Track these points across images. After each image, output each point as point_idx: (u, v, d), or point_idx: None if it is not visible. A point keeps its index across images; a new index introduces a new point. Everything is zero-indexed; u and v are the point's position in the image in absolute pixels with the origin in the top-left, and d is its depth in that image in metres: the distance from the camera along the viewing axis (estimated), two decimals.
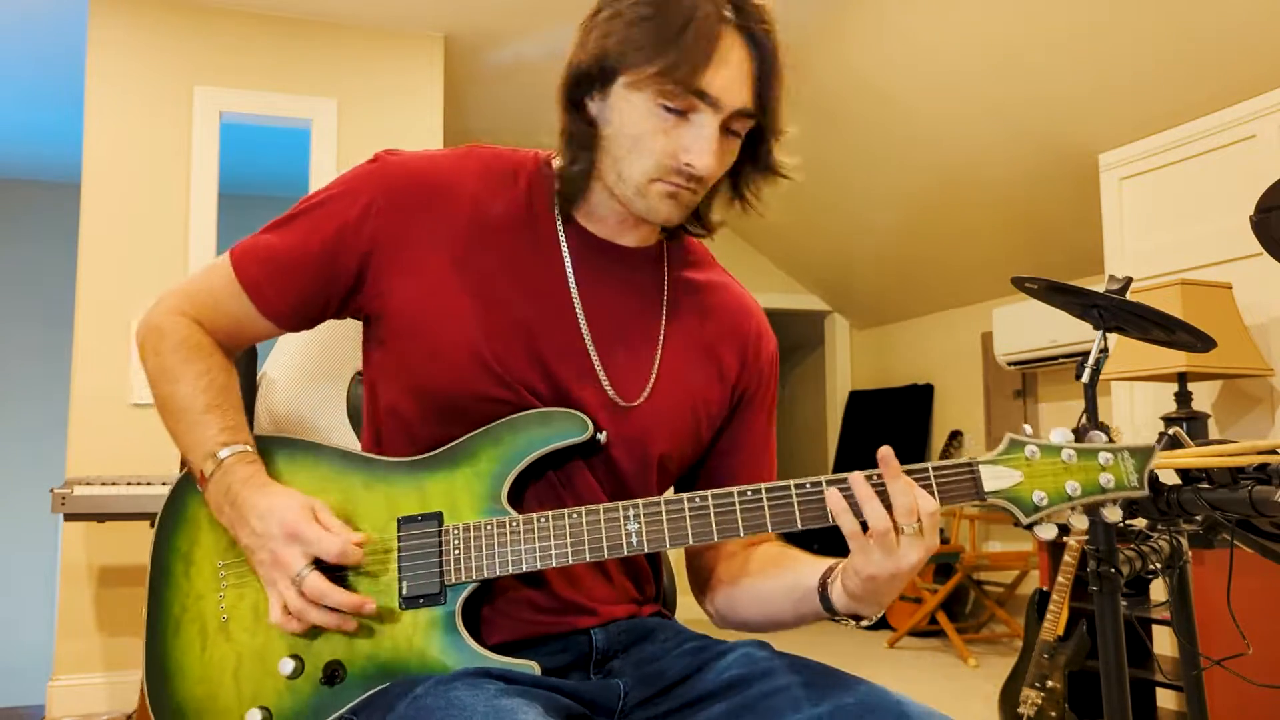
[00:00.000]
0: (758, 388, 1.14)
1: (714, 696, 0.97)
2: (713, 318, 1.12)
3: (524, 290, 1.02)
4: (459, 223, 1.02)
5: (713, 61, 0.93)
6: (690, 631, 1.09)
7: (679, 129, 0.96)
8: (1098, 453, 0.93)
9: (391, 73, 4.22)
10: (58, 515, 3.20)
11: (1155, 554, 1.79)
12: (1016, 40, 3.62)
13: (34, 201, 6.23)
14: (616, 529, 0.94)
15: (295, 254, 1.03)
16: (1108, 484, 0.92)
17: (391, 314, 1.02)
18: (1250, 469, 1.35)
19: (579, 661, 1.02)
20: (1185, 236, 3.31)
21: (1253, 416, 3.14)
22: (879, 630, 5.38)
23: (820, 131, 4.78)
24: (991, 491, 0.92)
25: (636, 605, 1.09)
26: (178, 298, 1.08)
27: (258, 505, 0.95)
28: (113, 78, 3.88)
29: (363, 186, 1.03)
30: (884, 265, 5.60)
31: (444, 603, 0.95)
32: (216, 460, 0.99)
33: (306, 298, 1.04)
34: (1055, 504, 0.92)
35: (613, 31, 0.96)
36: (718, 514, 0.93)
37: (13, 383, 6.11)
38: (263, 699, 0.96)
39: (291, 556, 0.92)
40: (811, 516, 0.92)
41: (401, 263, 1.01)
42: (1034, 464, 0.92)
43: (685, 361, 1.08)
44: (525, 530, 0.95)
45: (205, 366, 1.04)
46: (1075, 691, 2.85)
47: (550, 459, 1.00)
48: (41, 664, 4.00)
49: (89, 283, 3.79)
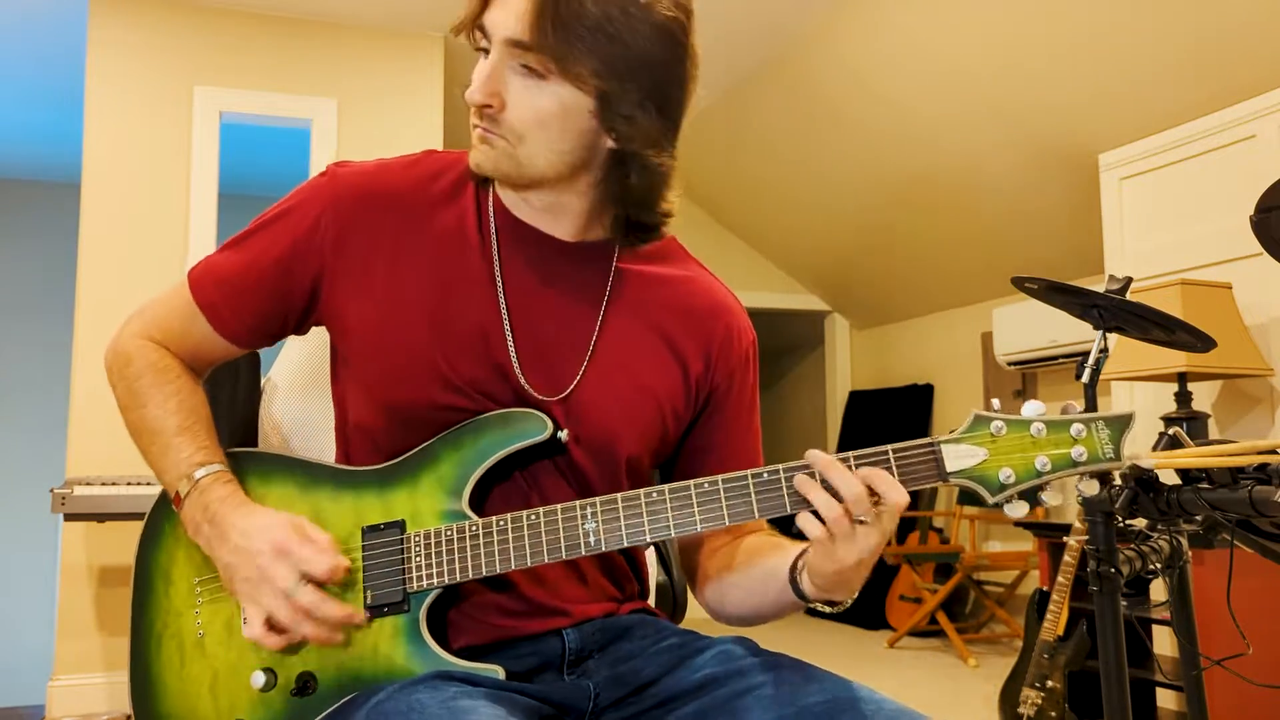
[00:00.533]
0: (729, 384, 1.12)
1: (686, 696, 0.96)
2: (670, 312, 1.09)
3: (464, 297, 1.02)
4: (404, 229, 1.03)
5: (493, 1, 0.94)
6: (672, 628, 1.08)
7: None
8: (1069, 424, 0.88)
9: (391, 73, 4.22)
10: (58, 515, 3.20)
11: (1155, 554, 1.79)
12: (1016, 40, 3.62)
13: (34, 201, 6.23)
14: (574, 528, 0.93)
15: (250, 273, 1.04)
16: (1080, 457, 0.87)
17: (348, 331, 1.03)
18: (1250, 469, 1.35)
19: (551, 663, 1.01)
20: (1185, 236, 3.31)
21: (1253, 416, 3.14)
22: (879, 630, 5.39)
23: (820, 131, 4.78)
24: (955, 471, 0.88)
25: (615, 604, 1.08)
26: (142, 321, 1.09)
27: (240, 523, 0.96)
28: (113, 78, 3.88)
29: (313, 201, 1.04)
30: (884, 265, 5.60)
31: (408, 610, 0.95)
32: (192, 481, 0.99)
33: (263, 316, 1.05)
34: (1023, 480, 0.88)
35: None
36: (674, 508, 0.91)
37: (13, 383, 6.12)
38: (239, 711, 0.97)
39: (281, 572, 0.92)
40: (769, 506, 0.90)
41: (353, 278, 1.02)
42: (1000, 440, 0.88)
43: (629, 355, 1.05)
44: (485, 534, 0.95)
45: (174, 389, 1.05)
46: (1075, 691, 2.85)
47: (516, 460, 1.00)
48: (41, 664, 4.00)
49: (89, 283, 3.79)
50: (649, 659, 1.02)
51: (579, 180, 1.02)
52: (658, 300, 1.09)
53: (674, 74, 0.99)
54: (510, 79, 0.95)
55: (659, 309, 1.09)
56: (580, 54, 0.92)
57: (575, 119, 0.96)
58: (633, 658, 1.02)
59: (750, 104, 4.91)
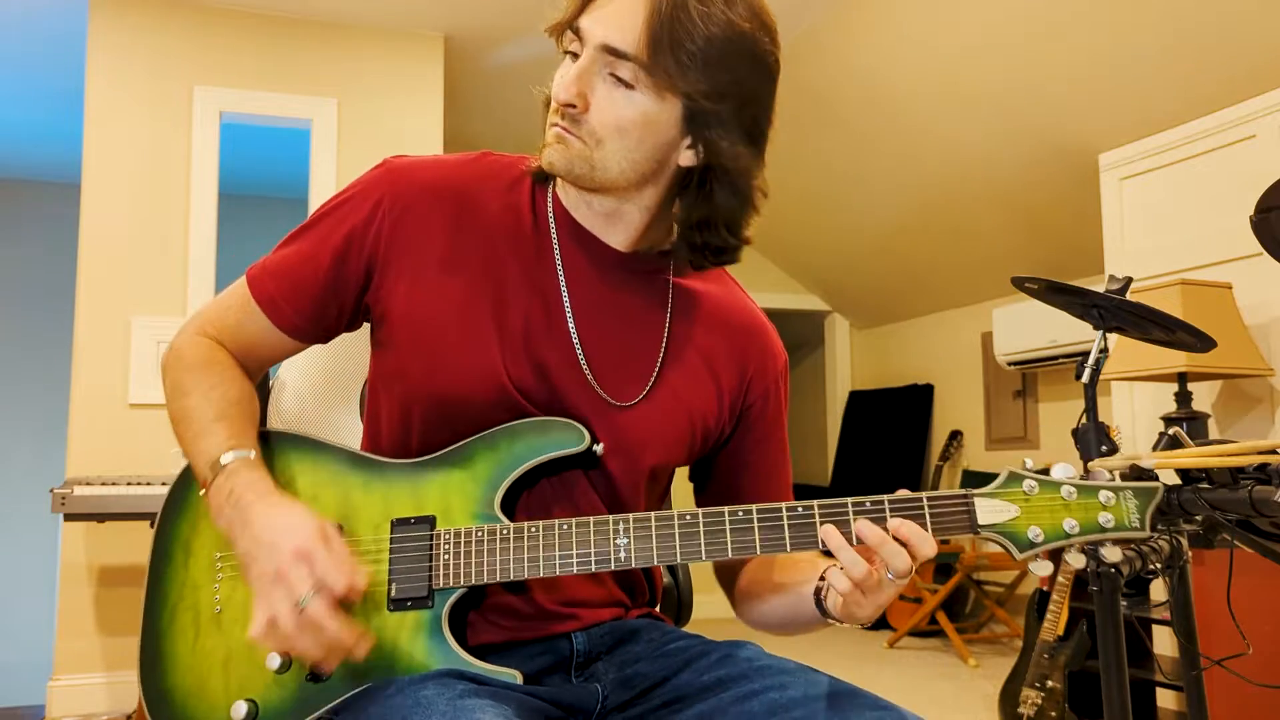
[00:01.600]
0: (763, 405, 1.14)
1: (692, 698, 0.97)
2: (716, 331, 1.11)
3: (520, 295, 1.03)
4: (461, 227, 1.04)
5: (594, 3, 0.96)
6: (678, 632, 1.09)
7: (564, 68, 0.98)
8: (1099, 491, 0.91)
9: (391, 73, 4.22)
10: (58, 515, 3.20)
11: (1155, 554, 1.79)
12: (1017, 40, 3.62)
13: (34, 201, 6.23)
14: (605, 543, 0.93)
15: (308, 266, 1.04)
16: (1107, 524, 0.90)
17: (395, 316, 1.03)
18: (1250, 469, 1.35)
19: (560, 664, 1.02)
20: (1185, 236, 3.31)
21: (1253, 416, 3.14)
22: (879, 630, 5.38)
23: (821, 131, 4.78)
24: (986, 525, 0.91)
25: (623, 609, 1.09)
26: (199, 321, 1.10)
27: (267, 516, 0.93)
28: (113, 78, 3.88)
29: (370, 190, 1.05)
30: (884, 265, 5.60)
31: (431, 606, 0.95)
32: (219, 465, 0.98)
33: (319, 307, 1.05)
34: (1051, 541, 0.90)
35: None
36: (707, 533, 0.92)
37: (13, 383, 6.12)
38: (250, 691, 0.96)
39: (298, 577, 0.89)
40: (801, 541, 0.91)
41: (406, 265, 1.03)
42: (1032, 499, 0.91)
43: (685, 371, 1.07)
44: (515, 539, 0.95)
45: (218, 379, 1.05)
46: (1075, 691, 2.85)
47: (547, 466, 1.00)
48: (41, 664, 4.00)
49: (89, 283, 3.79)
50: (655, 662, 1.02)
51: (644, 192, 1.03)
52: (708, 319, 1.11)
53: (765, 103, 1.01)
54: (597, 84, 0.96)
55: (709, 328, 1.11)
56: (681, 73, 0.94)
57: (655, 131, 0.98)
58: (639, 660, 1.03)
59: None
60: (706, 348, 1.10)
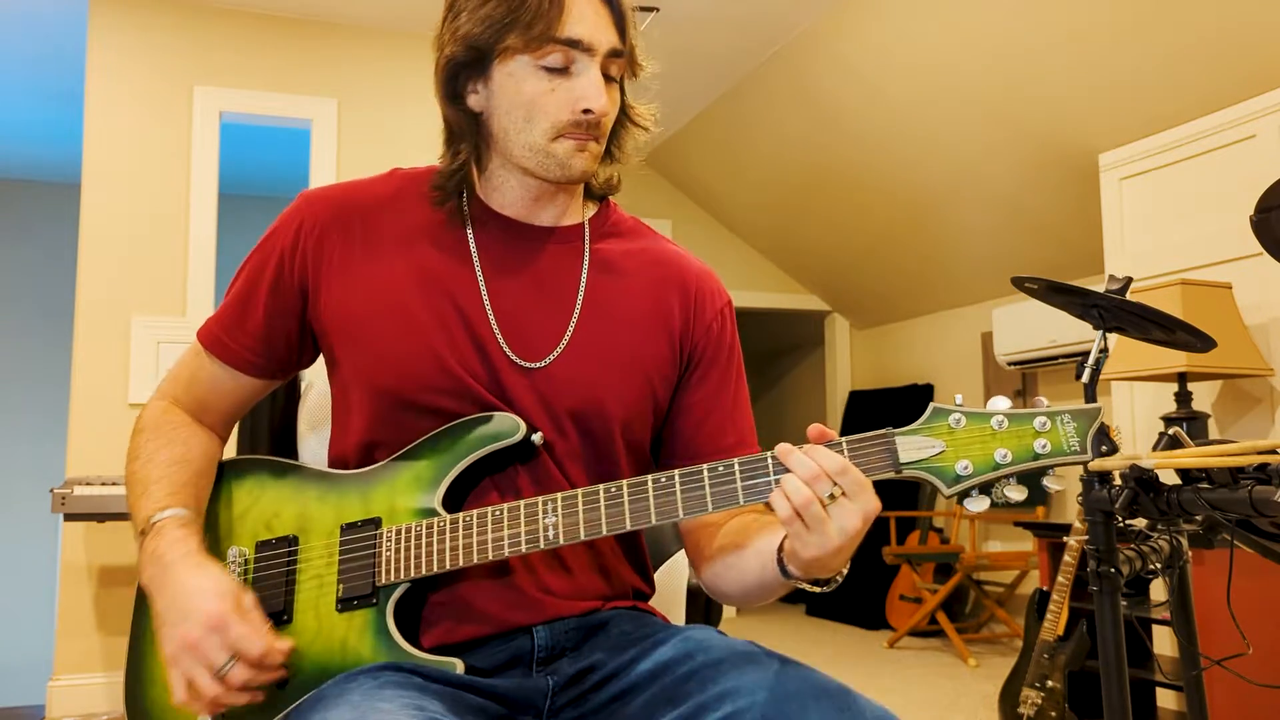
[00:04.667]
0: (707, 344, 1.13)
1: (639, 688, 0.96)
2: (646, 281, 1.12)
3: (440, 280, 1.05)
4: (378, 235, 1.07)
5: (568, 10, 0.98)
6: (653, 622, 1.08)
7: (565, 83, 1.00)
8: (1032, 417, 0.86)
9: (391, 73, 4.22)
10: (58, 515, 3.21)
11: (1155, 554, 1.79)
12: (1016, 40, 3.62)
13: (34, 201, 6.23)
14: (535, 523, 0.94)
15: (248, 302, 1.09)
16: (1043, 449, 0.85)
17: (333, 325, 1.06)
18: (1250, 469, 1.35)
19: (521, 660, 1.01)
20: (1185, 236, 3.31)
21: (1253, 416, 3.14)
22: (879, 630, 5.39)
23: (820, 131, 4.78)
24: (908, 463, 0.87)
25: (600, 601, 1.07)
26: (162, 385, 1.15)
27: (183, 579, 0.95)
28: (113, 78, 3.88)
29: (290, 220, 1.09)
30: (884, 265, 5.60)
31: (376, 603, 0.98)
32: (150, 524, 1.01)
33: (267, 338, 1.09)
34: (981, 473, 0.86)
35: (468, 19, 1.00)
36: (631, 502, 0.92)
37: (13, 383, 6.12)
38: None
39: (211, 647, 0.92)
40: (722, 498, 0.90)
41: (336, 277, 1.06)
42: (957, 432, 0.87)
43: (614, 325, 1.08)
44: (452, 530, 0.97)
45: (165, 441, 1.09)
46: (1075, 691, 2.85)
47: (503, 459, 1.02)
48: (41, 664, 4.00)
49: (89, 283, 3.79)
50: (612, 653, 1.01)
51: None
52: (633, 271, 1.13)
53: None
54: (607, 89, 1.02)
55: (636, 279, 1.12)
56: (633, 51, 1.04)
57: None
58: (597, 652, 1.02)
59: (750, 104, 4.91)
60: (643, 298, 1.11)
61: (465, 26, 1.00)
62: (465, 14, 1.00)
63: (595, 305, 1.08)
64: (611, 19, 1.00)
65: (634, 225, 1.18)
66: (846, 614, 5.71)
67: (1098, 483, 1.63)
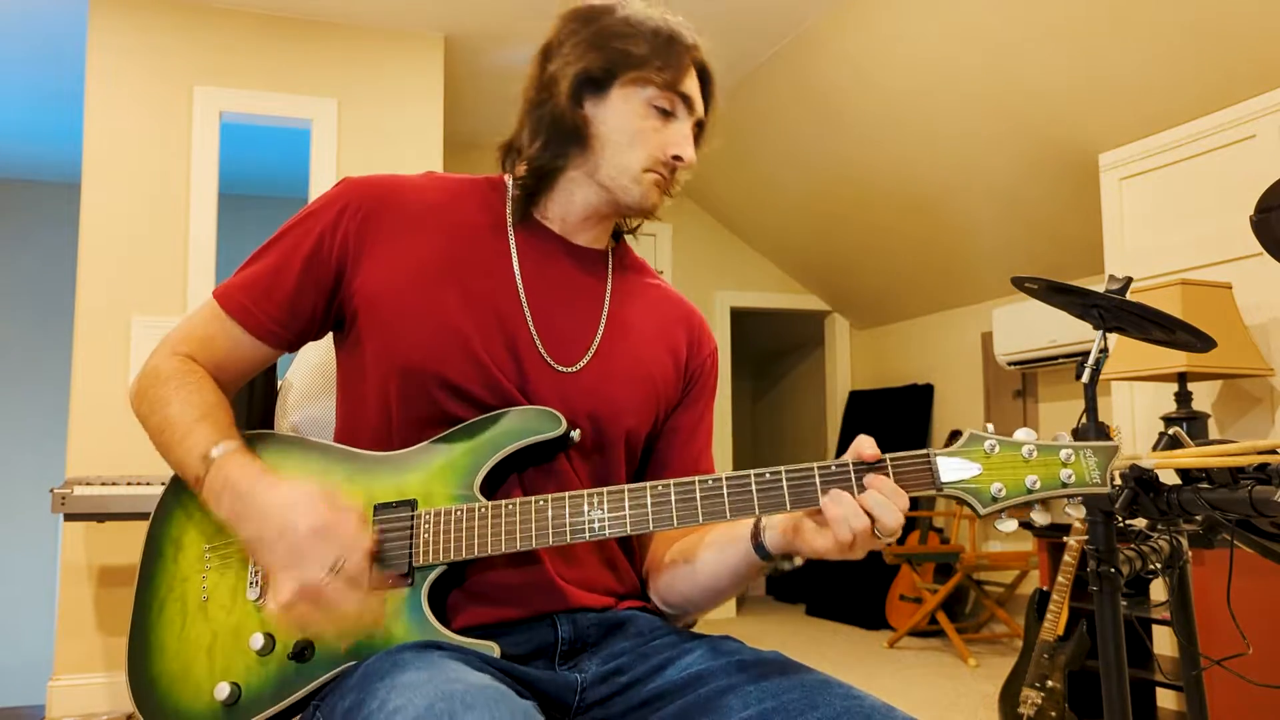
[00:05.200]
0: (701, 376, 1.23)
1: (672, 694, 0.98)
2: (658, 309, 1.22)
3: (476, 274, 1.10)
4: (419, 223, 1.11)
5: (687, 72, 1.12)
6: (666, 627, 1.10)
7: (667, 127, 1.12)
8: (1059, 449, 0.94)
9: (391, 73, 4.22)
10: (58, 515, 3.20)
11: (1155, 554, 1.79)
12: (1017, 39, 3.62)
13: (34, 201, 6.23)
14: (580, 515, 0.97)
15: (280, 273, 1.10)
16: (1069, 479, 0.93)
17: (368, 303, 1.08)
18: (1250, 469, 1.35)
19: (544, 651, 1.03)
20: (1185, 236, 3.31)
21: (1253, 416, 3.14)
22: (879, 630, 5.39)
23: (820, 131, 4.78)
24: (949, 482, 0.93)
25: (613, 598, 1.10)
26: (171, 340, 1.14)
27: (270, 497, 0.97)
28: (113, 78, 3.88)
29: (335, 200, 1.12)
30: (884, 265, 5.60)
31: (412, 583, 0.99)
32: (210, 459, 1.01)
33: (294, 310, 1.10)
34: (1013, 496, 0.93)
35: (608, 43, 1.11)
36: (678, 501, 0.96)
37: (13, 382, 6.12)
38: (233, 674, 1.00)
39: (319, 554, 0.93)
40: (770, 504, 0.94)
41: (377, 256, 1.09)
42: (993, 457, 0.94)
43: (633, 339, 1.16)
44: (494, 516, 0.98)
45: (195, 388, 1.08)
46: (1075, 691, 2.85)
47: (532, 452, 1.04)
48: (41, 664, 4.00)
49: (89, 283, 3.79)
50: (639, 656, 1.03)
51: None
52: (648, 299, 1.22)
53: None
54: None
55: (649, 308, 1.21)
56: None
57: None
58: (624, 654, 1.04)
59: (750, 103, 4.91)
60: (651, 319, 1.20)
61: (606, 50, 1.10)
62: (605, 37, 1.11)
63: (616, 323, 1.15)
64: (701, 96, 1.15)
65: (643, 265, 1.27)
66: (846, 614, 5.71)
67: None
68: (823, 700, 0.91)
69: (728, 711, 0.93)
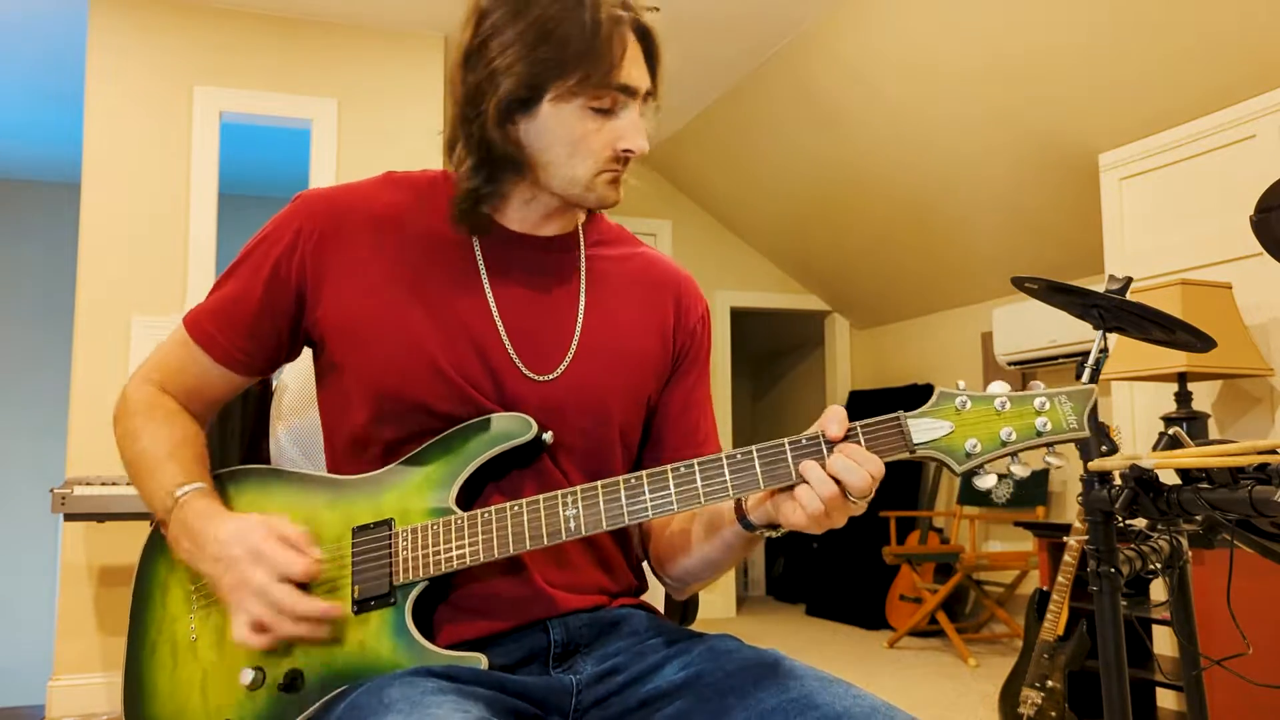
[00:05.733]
0: (690, 345, 1.19)
1: (670, 695, 0.97)
2: (639, 286, 1.17)
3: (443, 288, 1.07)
4: (379, 239, 1.08)
5: (623, 56, 1.02)
6: (664, 625, 1.09)
7: (609, 124, 1.03)
8: (1032, 398, 0.92)
9: (391, 73, 4.22)
10: (58, 515, 3.21)
11: (1155, 554, 1.79)
12: (1016, 40, 3.62)
13: (34, 201, 6.23)
14: (555, 515, 0.96)
15: (241, 301, 1.09)
16: (1044, 428, 0.91)
17: (333, 332, 1.07)
18: (1250, 469, 1.35)
19: (537, 656, 1.02)
20: (1185, 236, 3.31)
21: (1253, 416, 3.14)
22: (879, 630, 5.39)
23: (821, 130, 4.78)
24: (921, 443, 0.91)
25: (606, 597, 1.09)
26: (145, 369, 1.14)
27: (217, 533, 0.98)
28: (113, 78, 3.88)
29: (288, 222, 1.09)
30: (884, 265, 5.60)
31: (394, 603, 0.98)
32: (174, 499, 1.02)
33: (257, 337, 1.09)
34: (989, 450, 0.91)
35: (522, 56, 1.00)
36: (652, 491, 0.94)
37: (13, 383, 6.12)
38: (226, 711, 0.99)
39: (257, 575, 0.95)
40: (743, 485, 0.93)
41: (337, 280, 1.07)
42: (964, 414, 0.92)
43: (614, 329, 1.12)
44: (470, 527, 0.97)
45: (164, 422, 1.09)
46: (1075, 691, 2.85)
47: (511, 457, 1.03)
48: (41, 664, 4.00)
49: (89, 283, 3.79)
50: (635, 655, 1.02)
51: None
52: (625, 276, 1.17)
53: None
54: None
55: (628, 283, 1.16)
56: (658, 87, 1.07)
57: None
58: (618, 654, 1.03)
59: (750, 103, 4.91)
60: (633, 297, 1.15)
61: (523, 67, 0.99)
62: (517, 50, 1.00)
63: (596, 311, 1.12)
64: (644, 60, 1.05)
65: (620, 232, 1.22)
66: (846, 614, 5.71)
67: (1098, 483, 1.63)
68: (825, 699, 0.90)
69: (729, 711, 0.92)
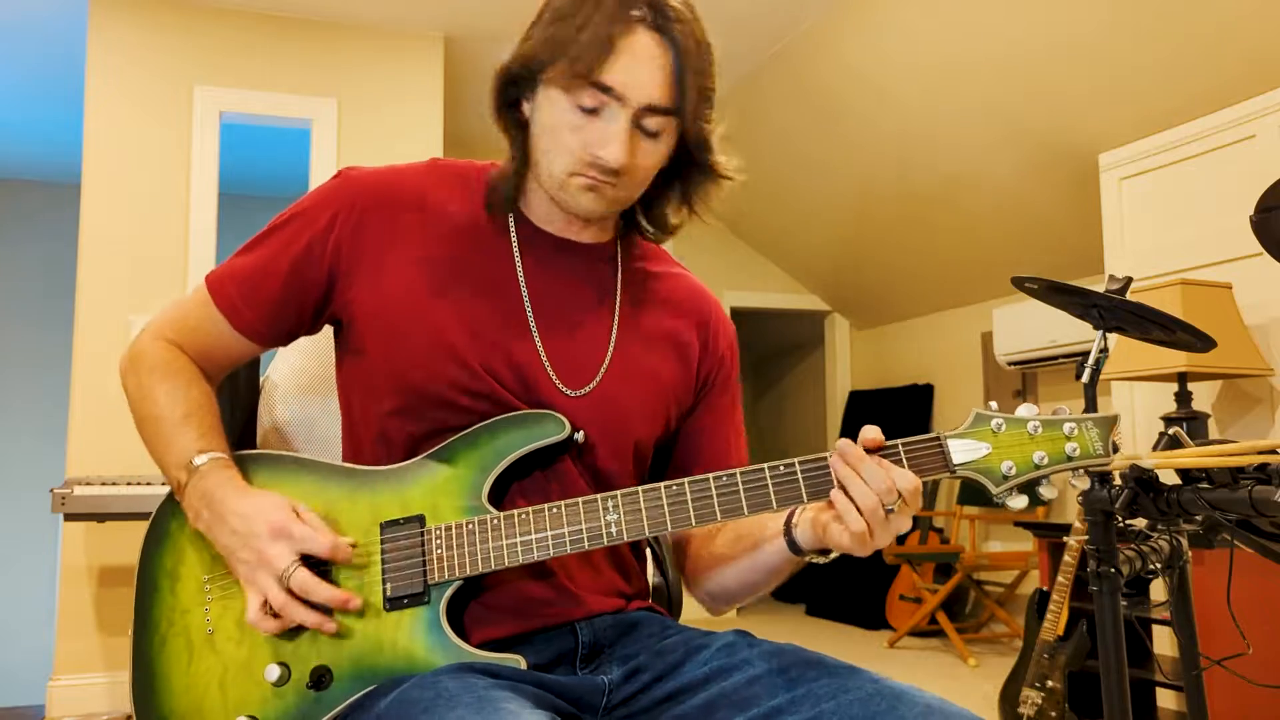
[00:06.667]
0: (718, 371, 1.18)
1: (694, 689, 0.98)
2: (670, 307, 1.16)
3: (480, 287, 1.06)
4: (420, 227, 1.07)
5: (614, 56, 0.96)
6: (676, 625, 1.10)
7: (590, 124, 0.99)
8: (1062, 423, 0.95)
9: (391, 73, 4.22)
10: (58, 515, 3.20)
11: (1155, 554, 1.79)
12: (1016, 39, 3.62)
13: (34, 201, 6.23)
14: (596, 520, 0.95)
15: (268, 271, 1.07)
16: (1073, 452, 0.94)
17: (363, 317, 1.05)
18: (1250, 469, 1.35)
19: (565, 657, 1.03)
20: (1185, 236, 3.31)
21: (1253, 416, 3.14)
22: (879, 630, 5.39)
23: (819, 130, 4.78)
24: (961, 463, 0.93)
25: (624, 600, 1.10)
26: (158, 325, 1.11)
27: (239, 506, 0.96)
28: (113, 78, 3.88)
29: (328, 200, 1.07)
30: (884, 265, 5.60)
31: (428, 602, 0.96)
32: (192, 467, 1.00)
33: (279, 312, 1.08)
34: (1023, 473, 0.94)
35: (534, 34, 1.01)
36: (695, 500, 0.95)
37: (13, 383, 6.12)
38: (249, 707, 0.96)
39: (278, 553, 0.93)
40: (786, 498, 0.94)
41: (370, 268, 1.05)
42: (1000, 436, 0.94)
43: (643, 348, 1.11)
44: (507, 526, 0.96)
45: (183, 382, 1.07)
46: (1075, 691, 2.85)
47: (534, 457, 1.02)
48: (41, 664, 4.00)
49: (89, 283, 3.79)
50: (655, 655, 1.03)
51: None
52: (660, 297, 1.16)
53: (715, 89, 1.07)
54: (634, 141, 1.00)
55: (660, 302, 1.15)
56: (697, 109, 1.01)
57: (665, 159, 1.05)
58: (640, 653, 1.04)
59: (750, 103, 4.91)
60: (664, 322, 1.14)
61: (529, 44, 1.01)
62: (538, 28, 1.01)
63: (629, 327, 1.11)
64: (667, 75, 0.98)
65: (656, 250, 1.21)
66: (846, 614, 5.71)
67: (1098, 483, 1.63)
68: (852, 684, 0.91)
69: (757, 700, 0.93)
